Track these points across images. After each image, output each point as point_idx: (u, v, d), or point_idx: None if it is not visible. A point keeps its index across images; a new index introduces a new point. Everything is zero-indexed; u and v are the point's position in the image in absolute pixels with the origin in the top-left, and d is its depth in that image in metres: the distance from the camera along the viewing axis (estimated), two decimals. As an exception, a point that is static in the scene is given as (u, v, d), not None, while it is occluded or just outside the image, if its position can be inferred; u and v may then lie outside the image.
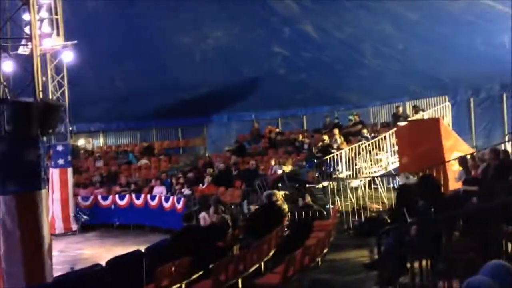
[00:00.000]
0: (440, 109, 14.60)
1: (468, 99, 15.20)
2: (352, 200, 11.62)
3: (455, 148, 10.57)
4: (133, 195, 14.88)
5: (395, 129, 13.09)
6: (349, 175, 13.50)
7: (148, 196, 14.51)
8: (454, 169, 9.72)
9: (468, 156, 9.08)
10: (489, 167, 7.39)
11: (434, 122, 11.30)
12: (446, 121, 13.97)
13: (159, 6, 15.75)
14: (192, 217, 8.19)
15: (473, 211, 5.62)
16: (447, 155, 10.13)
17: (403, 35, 13.75)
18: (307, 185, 12.54)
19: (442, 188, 9.21)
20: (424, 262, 5.46)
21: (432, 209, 5.47)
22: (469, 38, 12.44)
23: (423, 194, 5.69)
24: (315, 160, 14.43)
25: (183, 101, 19.16)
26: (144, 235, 13.42)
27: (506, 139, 11.37)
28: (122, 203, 15.02)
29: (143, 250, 7.49)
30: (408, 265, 5.52)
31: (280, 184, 13.56)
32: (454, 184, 8.99)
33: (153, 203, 14.17)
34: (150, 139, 21.33)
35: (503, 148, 9.85)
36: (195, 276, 6.89)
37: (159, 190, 14.67)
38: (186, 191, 13.81)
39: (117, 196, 15.22)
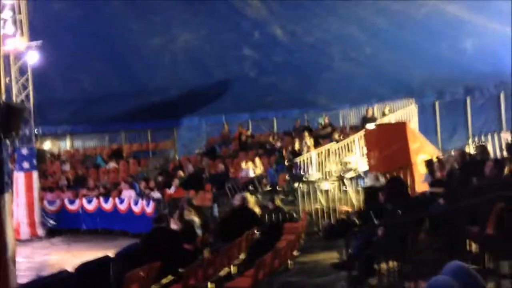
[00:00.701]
0: (407, 112, 14.93)
1: (433, 102, 15.59)
2: (322, 202, 11.73)
3: (421, 150, 10.82)
4: (101, 199, 14.59)
5: (363, 131, 13.31)
6: (319, 178, 13.63)
7: (117, 199, 14.27)
8: (420, 171, 9.95)
9: (434, 159, 9.31)
10: (454, 169, 7.60)
11: (401, 126, 11.55)
12: (413, 123, 14.29)
13: (128, 8, 15.59)
14: (163, 219, 8.10)
15: (438, 213, 5.76)
16: (413, 157, 10.36)
17: (371, 40, 14.04)
18: (277, 188, 12.60)
19: (409, 190, 9.45)
20: (391, 264, 5.58)
21: (399, 211, 5.58)
22: (434, 43, 12.80)
23: (390, 196, 5.79)
24: (286, 163, 14.52)
25: (153, 103, 18.97)
26: (113, 240, 13.16)
27: (470, 141, 11.72)
28: (90, 207, 14.70)
29: (111, 255, 7.37)
30: (376, 266, 5.63)
31: (251, 187, 13.59)
32: (421, 186, 9.20)
33: (122, 207, 13.94)
34: (118, 142, 20.97)
35: (468, 150, 10.16)
36: (164, 280, 6.81)
37: (128, 194, 14.43)
38: (156, 194, 13.65)
39: (84, 200, 14.89)
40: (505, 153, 7.33)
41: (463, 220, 5.08)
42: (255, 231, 8.80)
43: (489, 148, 10.58)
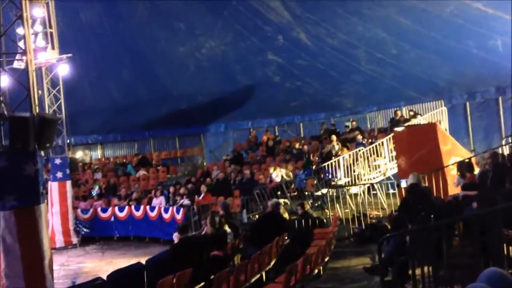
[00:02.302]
0: (436, 114, 14.66)
1: (464, 103, 15.27)
2: (352, 207, 11.63)
3: (453, 152, 10.59)
4: (133, 207, 14.84)
5: (392, 134, 13.13)
6: (348, 182, 13.52)
7: (148, 207, 14.48)
8: (452, 174, 9.74)
9: (466, 161, 9.11)
10: (487, 171, 7.41)
11: (431, 127, 11.33)
12: (443, 125, 14.01)
13: (153, 17, 15.86)
14: (187, 228, 8.19)
15: (472, 216, 5.63)
16: (445, 159, 10.15)
17: (395, 40, 13.85)
18: (306, 193, 12.55)
19: (442, 194, 9.26)
20: (426, 269, 5.48)
21: (432, 215, 5.49)
22: (461, 41, 12.54)
23: (418, 201, 5.71)
24: (313, 168, 14.45)
25: (180, 110, 19.22)
26: (145, 247, 13.38)
27: (503, 142, 11.41)
28: (121, 215, 14.97)
29: (143, 263, 7.50)
30: (410, 271, 5.54)
31: (279, 192, 13.58)
32: (454, 189, 9.01)
33: (153, 214, 14.13)
34: (147, 150, 21.33)
35: (501, 151, 9.89)
36: (196, 287, 6.87)
37: (158, 201, 14.63)
38: (185, 201, 13.79)
39: (116, 208, 15.18)
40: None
41: (498, 224, 4.96)
42: (286, 237, 8.80)
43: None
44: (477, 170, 8.15)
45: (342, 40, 14.87)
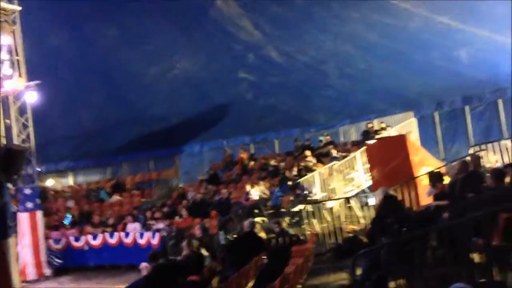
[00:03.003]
0: (406, 125, 14.91)
1: (432, 113, 15.58)
2: (329, 221, 11.62)
3: (424, 162, 10.77)
4: (107, 234, 14.49)
5: (365, 147, 13.28)
6: (324, 197, 13.54)
7: (122, 233, 14.17)
8: (424, 184, 9.87)
9: (436, 171, 9.25)
10: (456, 180, 7.53)
11: (401, 139, 11.52)
12: (413, 136, 14.26)
13: (123, 39, 15.79)
14: (158, 256, 8.04)
15: (443, 227, 5.70)
16: (416, 170, 10.31)
17: (364, 55, 14.12)
18: (282, 210, 12.51)
19: (415, 204, 9.38)
20: (400, 281, 5.49)
21: (404, 228, 5.52)
22: (427, 54, 12.86)
23: (389, 214, 5.75)
24: (289, 184, 14.44)
25: (153, 132, 19.05)
26: (120, 275, 13.03)
27: (471, 151, 11.65)
28: (95, 243, 14.59)
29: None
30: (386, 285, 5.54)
31: (256, 211, 13.50)
32: (426, 199, 9.12)
33: (128, 240, 13.83)
34: (121, 174, 20.97)
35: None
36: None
37: (133, 227, 14.34)
38: (161, 225, 13.56)
39: (90, 236, 14.80)
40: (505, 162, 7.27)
41: (468, 233, 5.02)
42: (263, 257, 8.72)
43: (490, 156, 10.54)
44: (447, 180, 8.28)
45: (312, 56, 15.08)
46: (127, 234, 13.99)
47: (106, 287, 11.31)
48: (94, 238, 14.66)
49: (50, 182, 20.61)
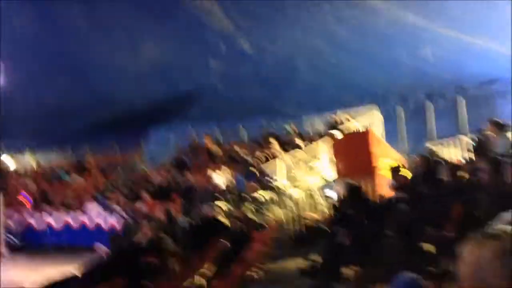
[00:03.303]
0: (371, 119, 15.20)
1: (397, 108, 15.93)
2: (291, 209, 11.80)
3: (385, 156, 11.05)
4: (67, 215, 14.24)
5: (329, 139, 13.50)
6: (287, 185, 13.71)
7: (83, 215, 13.95)
8: (384, 177, 10.14)
9: (398, 164, 9.51)
10: (416, 174, 7.79)
11: (365, 133, 11.78)
12: (378, 130, 14.57)
13: (90, 22, 15.41)
14: (117, 238, 7.98)
15: (400, 218, 5.89)
16: (377, 163, 10.56)
17: (334, 50, 14.29)
18: (246, 197, 12.59)
19: (375, 195, 9.62)
20: (356, 268, 5.66)
21: (363, 218, 5.68)
22: (395, 51, 13.13)
23: (352, 203, 5.90)
24: (253, 171, 14.53)
25: (119, 116, 18.74)
26: (79, 256, 12.84)
27: (429, 146, 12.02)
28: (55, 224, 14.33)
29: (75, 272, 7.22)
30: (342, 271, 5.70)
31: (219, 196, 13.54)
32: (385, 191, 9.38)
33: (88, 222, 13.64)
34: (84, 156, 20.51)
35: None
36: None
37: (94, 209, 14.15)
38: (123, 208, 13.43)
39: (49, 217, 14.50)
40: (464, 157, 7.57)
41: (422, 224, 5.22)
42: (224, 241, 8.78)
43: (448, 152, 10.93)
44: (407, 173, 8.54)
45: (283, 48, 15.15)
46: (87, 216, 13.79)
47: (63, 267, 11.11)
48: (54, 219, 14.39)
49: (10, 162, 20.02)
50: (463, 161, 7.78)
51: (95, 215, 13.69)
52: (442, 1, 10.88)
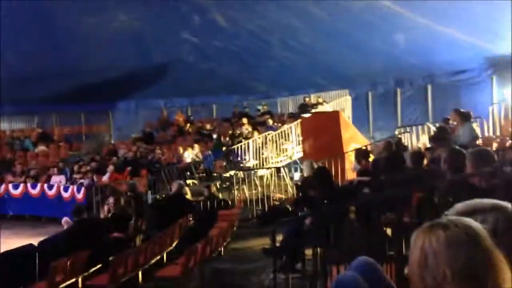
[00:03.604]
0: (342, 102, 15.36)
1: (367, 93, 16.12)
2: (259, 189, 11.88)
3: (353, 139, 11.21)
4: (29, 184, 13.94)
5: (300, 120, 13.57)
6: (256, 165, 13.78)
7: (46, 185, 13.68)
8: (351, 160, 10.32)
9: (363, 148, 9.68)
10: (379, 159, 7.93)
11: (335, 115, 11.88)
12: (347, 113, 14.74)
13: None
14: (83, 210, 7.85)
15: (362, 202, 6.01)
16: (345, 146, 10.71)
17: (309, 30, 14.22)
18: (213, 174, 12.62)
19: (340, 178, 9.78)
20: (317, 250, 5.77)
21: (326, 200, 5.77)
22: (370, 36, 13.18)
23: (317, 185, 5.98)
24: (223, 149, 14.54)
25: (87, 85, 18.21)
26: (41, 227, 12.65)
27: (397, 132, 12.26)
28: (16, 192, 14.01)
29: (36, 244, 7.10)
30: (303, 252, 5.81)
31: (188, 173, 13.51)
32: (352, 174, 9.55)
33: (51, 192, 13.39)
34: (49, 125, 19.97)
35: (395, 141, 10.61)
36: (92, 270, 6.65)
37: (58, 179, 13.89)
38: (87, 180, 13.23)
39: (10, 185, 14.16)
40: (426, 144, 7.75)
41: (383, 209, 5.34)
42: (190, 219, 8.80)
43: (414, 138, 11.17)
44: (372, 158, 8.70)
45: (258, 25, 14.96)
46: (50, 186, 13.53)
47: (24, 238, 10.91)
48: (15, 187, 14.06)
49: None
50: (427, 149, 7.95)
51: (57, 186, 13.43)
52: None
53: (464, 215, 1.50)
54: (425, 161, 6.91)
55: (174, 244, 7.83)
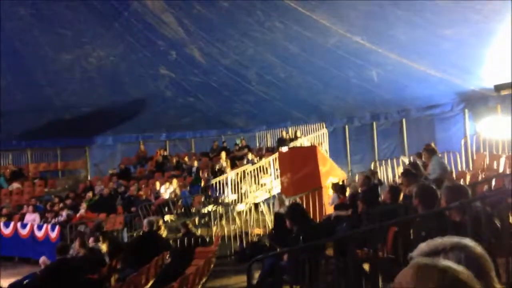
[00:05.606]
0: (319, 136, 15.52)
1: (343, 126, 16.35)
2: (238, 224, 11.77)
3: (331, 173, 11.30)
4: (1, 223, 13.51)
5: (279, 154, 13.63)
6: (235, 200, 13.70)
7: (19, 224, 13.29)
8: (329, 193, 10.36)
9: (340, 182, 9.74)
10: (356, 193, 7.99)
11: (312, 149, 11.98)
12: (324, 147, 14.89)
13: (35, 20, 14.80)
14: (66, 249, 7.65)
15: (339, 237, 6.01)
16: (323, 180, 10.77)
17: (284, 65, 14.46)
18: (192, 210, 12.47)
19: (318, 213, 9.79)
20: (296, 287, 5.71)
21: (302, 236, 5.74)
22: (342, 71, 13.47)
23: (292, 221, 5.97)
24: (202, 185, 14.44)
25: (62, 121, 18.03)
26: (13, 268, 12.22)
27: (372, 166, 12.40)
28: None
29: (7, 286, 6.86)
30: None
31: (166, 209, 13.32)
32: (330, 209, 9.57)
33: (24, 232, 13.00)
34: (24, 162, 19.58)
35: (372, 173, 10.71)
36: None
37: (32, 218, 13.51)
38: (60, 217, 12.92)
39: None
40: (400, 178, 7.85)
41: (360, 244, 5.34)
42: (166, 257, 8.62)
43: (390, 172, 11.31)
44: (348, 191, 8.75)
45: (234, 60, 15.16)
46: (24, 225, 13.15)
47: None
48: (-13, 227, 13.63)
49: None
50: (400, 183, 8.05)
51: (31, 224, 13.05)
52: (387, 27, 11.27)
53: (428, 255, 1.52)
54: (398, 196, 6.98)
55: (149, 284, 7.64)
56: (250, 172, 14.16)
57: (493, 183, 6.89)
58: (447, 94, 13.13)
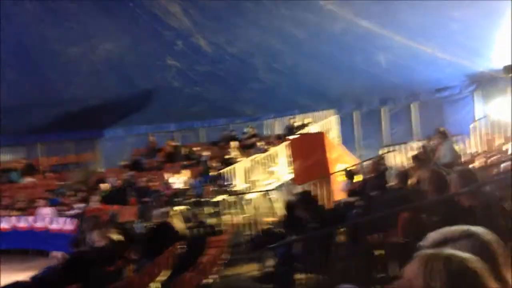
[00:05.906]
0: (328, 122, 15.50)
1: (352, 112, 16.31)
2: (248, 213, 11.86)
3: (340, 160, 11.32)
4: (16, 217, 13.74)
5: (287, 141, 13.67)
6: (245, 188, 13.78)
7: (33, 217, 13.50)
8: (339, 180, 10.39)
9: (351, 168, 9.76)
10: (367, 179, 8.03)
11: (319, 136, 12.00)
12: (334, 133, 14.88)
13: (43, 14, 14.87)
14: (82, 241, 7.80)
15: (351, 223, 6.06)
16: (332, 167, 10.80)
17: (291, 52, 14.43)
18: (203, 200, 12.58)
19: (328, 200, 9.84)
20: (308, 275, 5.78)
21: (313, 224, 5.80)
22: (350, 56, 13.41)
23: (302, 209, 6.02)
24: (211, 174, 14.53)
25: (73, 114, 18.16)
26: (29, 261, 12.44)
27: (381, 151, 12.39)
28: (3, 226, 13.78)
29: (28, 279, 6.99)
30: (295, 278, 5.81)
31: (177, 199, 13.44)
32: (339, 195, 9.62)
33: (39, 225, 13.21)
34: (36, 155, 19.79)
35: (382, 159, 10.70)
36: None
37: (45, 211, 13.72)
38: (75, 210, 13.10)
39: (-1, 219, 13.94)
40: (410, 163, 7.86)
41: (371, 230, 5.39)
42: (179, 247, 8.72)
43: (398, 157, 11.30)
44: (359, 177, 8.79)
45: (241, 48, 15.15)
46: (38, 219, 13.36)
47: (13, 273, 10.72)
48: (3, 220, 13.85)
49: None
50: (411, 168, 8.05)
51: (45, 218, 13.26)
52: (394, 10, 11.19)
53: (438, 245, 1.55)
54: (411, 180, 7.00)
55: (164, 274, 7.75)
56: (259, 160, 14.21)
57: (503, 165, 6.87)
58: (456, 76, 13.03)
